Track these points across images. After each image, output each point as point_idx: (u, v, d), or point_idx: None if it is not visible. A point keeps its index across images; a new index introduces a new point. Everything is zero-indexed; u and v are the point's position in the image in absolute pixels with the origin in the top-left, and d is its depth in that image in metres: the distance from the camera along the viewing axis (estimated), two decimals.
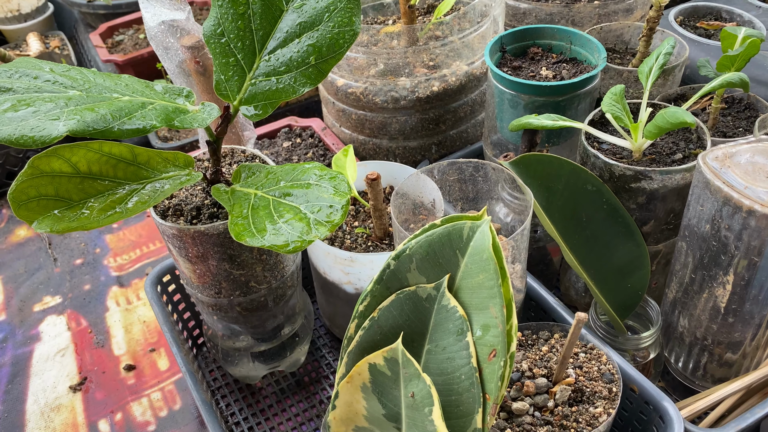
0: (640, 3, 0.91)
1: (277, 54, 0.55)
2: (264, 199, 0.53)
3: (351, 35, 0.54)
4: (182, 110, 0.53)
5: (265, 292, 0.65)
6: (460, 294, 0.49)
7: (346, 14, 0.54)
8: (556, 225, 0.64)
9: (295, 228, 0.49)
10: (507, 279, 0.47)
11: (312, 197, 0.52)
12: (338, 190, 0.52)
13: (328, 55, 0.54)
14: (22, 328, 0.87)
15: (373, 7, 0.98)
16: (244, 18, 0.55)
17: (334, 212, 0.50)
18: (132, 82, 0.55)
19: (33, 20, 1.45)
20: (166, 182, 0.57)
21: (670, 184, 0.61)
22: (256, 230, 0.50)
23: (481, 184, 0.65)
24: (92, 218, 0.53)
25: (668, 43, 0.65)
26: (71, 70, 0.54)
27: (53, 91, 0.50)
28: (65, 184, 0.54)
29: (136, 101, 0.52)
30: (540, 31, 0.78)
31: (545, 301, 0.66)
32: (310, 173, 0.54)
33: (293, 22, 0.54)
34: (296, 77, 0.55)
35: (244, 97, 0.55)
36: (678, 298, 0.65)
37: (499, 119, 0.76)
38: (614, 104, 0.63)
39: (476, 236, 0.48)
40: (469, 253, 0.48)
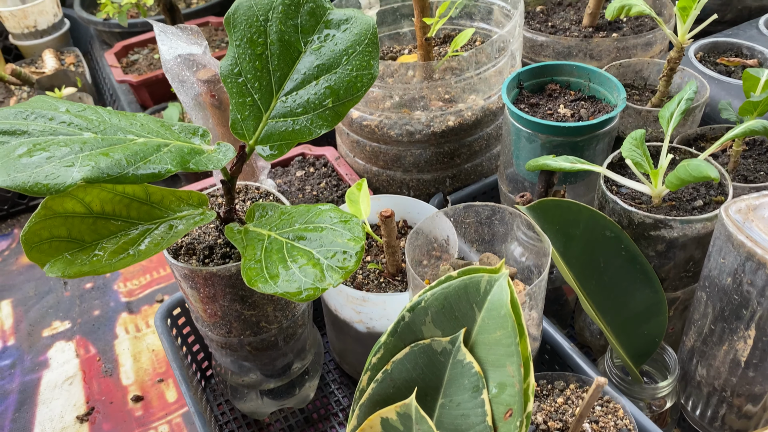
0: (659, 37, 0.90)
1: (294, 95, 0.54)
2: (277, 242, 0.53)
3: (369, 79, 0.54)
4: (198, 151, 0.53)
5: (276, 331, 0.64)
6: (477, 349, 0.48)
7: (365, 58, 0.53)
8: (573, 271, 0.63)
9: (309, 274, 0.48)
10: (525, 337, 0.46)
11: (326, 241, 0.51)
12: (353, 235, 0.51)
13: (346, 98, 0.53)
14: (31, 353, 0.86)
15: (389, 36, 0.98)
16: (262, 59, 0.54)
17: (348, 258, 0.49)
18: (147, 122, 0.55)
19: (49, 36, 1.46)
20: (180, 222, 0.57)
21: (690, 233, 0.60)
22: (269, 275, 0.49)
23: (497, 226, 0.64)
24: (104, 261, 0.52)
25: (690, 88, 0.64)
26: (87, 110, 0.53)
27: (68, 133, 0.50)
28: (78, 225, 0.53)
29: (152, 143, 0.51)
30: (558, 68, 0.77)
31: (561, 347, 0.64)
32: (325, 216, 0.54)
33: (311, 64, 0.54)
34: (313, 119, 0.54)
35: (260, 137, 0.55)
36: (696, 347, 0.63)
37: (515, 156, 0.75)
38: (634, 149, 0.62)
39: (494, 290, 0.47)
40: (487, 308, 0.47)
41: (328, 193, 0.87)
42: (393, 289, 0.71)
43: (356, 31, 0.54)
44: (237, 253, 0.59)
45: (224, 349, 0.65)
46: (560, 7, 1.05)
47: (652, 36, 0.89)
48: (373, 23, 0.54)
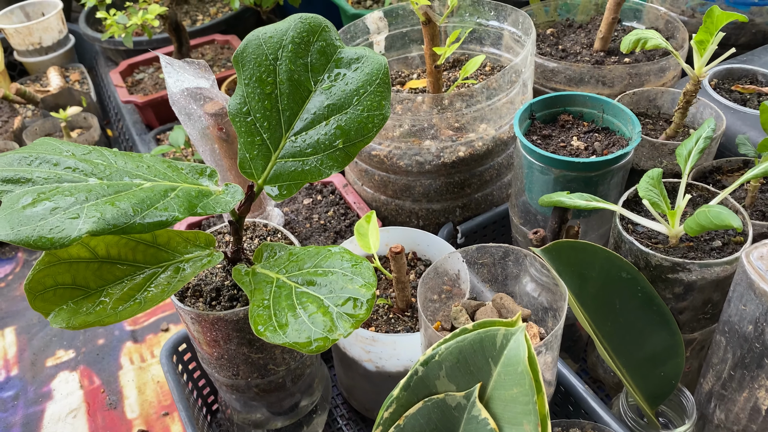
0: (672, 63, 0.88)
1: (303, 135, 0.53)
2: (286, 287, 0.51)
3: (380, 119, 0.52)
4: (206, 193, 0.51)
5: (284, 373, 0.63)
6: (492, 405, 0.47)
7: (376, 98, 0.52)
8: (588, 312, 0.61)
9: (318, 324, 0.47)
10: (543, 394, 0.44)
11: (336, 287, 0.50)
12: (364, 281, 0.50)
13: (357, 139, 0.52)
14: (34, 384, 0.85)
15: (397, 61, 0.97)
16: (271, 98, 0.53)
17: (359, 306, 0.48)
18: (154, 163, 0.53)
19: (54, 53, 1.45)
20: (187, 264, 0.55)
21: (709, 276, 0.59)
22: (277, 324, 0.48)
23: (511, 267, 0.63)
24: (109, 310, 0.51)
25: (708, 126, 0.63)
26: (92, 152, 0.52)
27: (73, 180, 0.48)
28: (83, 271, 0.52)
29: (159, 187, 0.50)
30: (571, 98, 0.76)
31: (575, 389, 0.63)
32: (335, 259, 0.52)
33: (321, 104, 0.52)
34: (323, 160, 0.53)
35: (268, 176, 0.54)
36: (715, 390, 0.62)
37: (527, 189, 0.74)
38: (651, 189, 0.61)
39: (510, 345, 0.46)
40: (503, 363, 0.46)
41: (335, 222, 0.85)
42: (403, 325, 0.70)
43: (368, 70, 0.52)
44: (245, 294, 0.58)
45: (231, 390, 0.64)
46: (570, 29, 1.03)
47: (666, 63, 0.87)
48: (385, 63, 0.52)
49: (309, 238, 0.83)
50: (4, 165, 0.49)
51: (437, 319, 0.64)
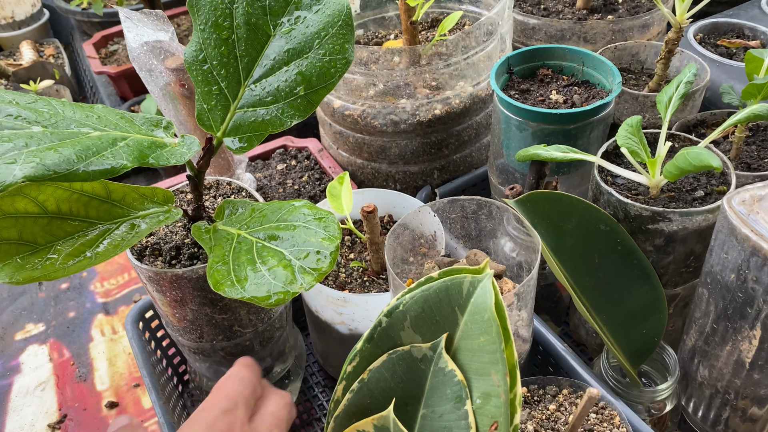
0: (656, 18, 0.85)
1: (263, 83, 0.50)
2: (247, 242, 0.49)
3: (343, 64, 0.49)
4: (159, 144, 0.49)
5: (251, 335, 0.60)
6: (459, 356, 0.44)
7: (338, 41, 0.49)
8: (565, 267, 0.59)
9: (279, 277, 0.45)
10: (511, 342, 0.42)
11: (299, 241, 0.47)
12: (328, 234, 0.47)
13: (318, 85, 0.49)
14: (2, 358, 0.83)
15: (374, 21, 0.93)
16: (228, 43, 0.50)
17: (322, 259, 0.46)
18: (106, 113, 0.50)
19: (28, 27, 1.41)
20: (143, 221, 0.53)
21: (691, 226, 0.56)
22: (236, 279, 0.46)
23: (485, 221, 0.60)
24: (58, 265, 0.48)
25: (689, 71, 0.60)
26: (38, 101, 0.49)
27: (14, 127, 0.45)
28: (30, 227, 0.49)
29: (108, 137, 0.47)
30: (550, 51, 0.73)
31: (553, 348, 0.61)
32: (298, 213, 0.50)
33: (281, 49, 0.49)
34: (284, 108, 0.50)
35: (228, 128, 0.51)
36: (698, 346, 0.60)
37: (505, 146, 0.71)
38: (630, 137, 0.58)
39: (477, 292, 0.44)
40: (470, 311, 0.44)
41: (310, 187, 0.83)
42: (377, 288, 0.68)
43: (329, 12, 0.49)
44: (205, 253, 0.55)
45: (197, 354, 0.62)
46: None
47: (649, 17, 0.84)
48: (347, 4, 0.49)
49: None
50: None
51: (410, 278, 0.62)
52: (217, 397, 0.48)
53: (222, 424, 0.45)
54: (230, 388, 0.48)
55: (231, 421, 0.45)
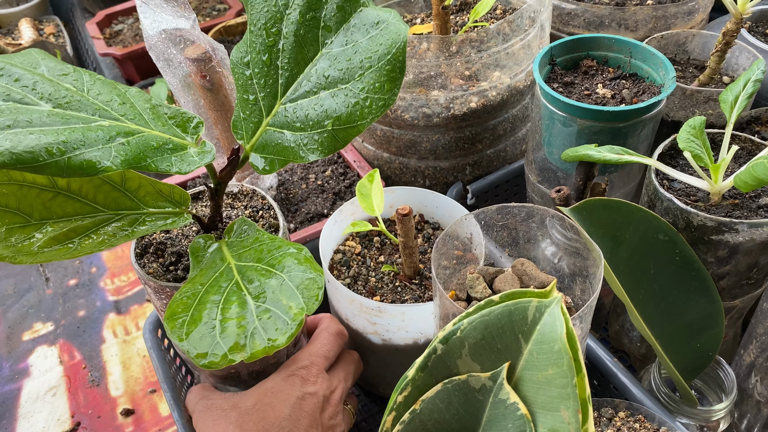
0: (702, 5, 0.80)
1: (296, 105, 0.44)
2: (229, 275, 0.43)
3: (380, 106, 0.42)
4: (173, 147, 0.43)
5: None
6: (522, 387, 0.40)
7: (381, 77, 0.42)
8: (620, 278, 0.55)
9: (227, 336, 0.39)
10: (583, 374, 0.38)
11: (271, 294, 0.41)
12: (297, 305, 0.40)
13: (347, 124, 0.42)
14: (10, 360, 0.79)
15: (398, 4, 0.88)
16: (272, 52, 0.44)
17: (281, 329, 0.39)
18: (136, 100, 0.44)
19: (26, 4, 1.35)
20: (147, 219, 0.48)
21: (758, 237, 0.52)
22: (190, 319, 0.40)
23: (535, 230, 0.56)
24: (35, 248, 0.44)
25: (758, 68, 0.56)
26: (69, 74, 0.43)
27: (21, 101, 0.40)
28: (31, 198, 0.45)
29: (113, 128, 0.42)
30: (595, 41, 0.68)
31: (603, 364, 0.57)
32: (288, 261, 0.43)
33: (323, 71, 0.43)
34: (308, 139, 0.44)
35: (256, 144, 0.45)
36: (758, 363, 0.56)
37: (546, 142, 0.67)
38: (693, 140, 0.54)
39: (544, 319, 0.39)
40: (535, 340, 0.40)
41: (334, 182, 0.78)
42: (410, 293, 0.64)
43: (382, 41, 0.42)
44: None
45: (207, 373, 0.57)
46: None
47: (694, 3, 0.79)
48: (404, 36, 0.42)
49: (305, 201, 0.76)
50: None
51: (450, 288, 0.58)
52: (302, 354, 0.54)
53: (300, 374, 0.52)
54: (316, 345, 0.56)
55: (306, 374, 0.52)
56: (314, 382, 0.52)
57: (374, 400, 0.72)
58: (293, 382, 0.51)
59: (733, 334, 0.65)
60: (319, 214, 0.75)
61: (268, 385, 0.51)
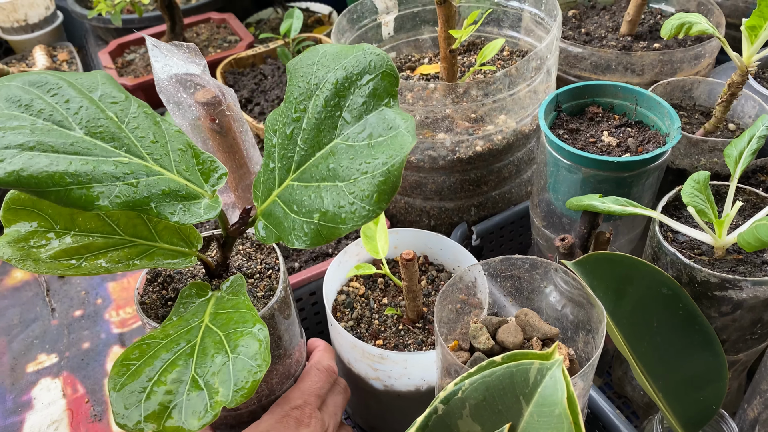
0: (708, 50, 0.81)
1: (299, 186, 0.43)
2: (191, 336, 0.43)
3: (359, 217, 0.39)
4: (184, 195, 0.43)
5: (255, 405, 0.55)
6: None
7: (370, 189, 0.39)
8: (622, 331, 0.55)
9: (151, 403, 0.39)
10: None
11: (209, 373, 0.40)
12: (231, 389, 0.39)
13: (330, 223, 0.40)
14: (14, 392, 0.79)
15: (407, 44, 0.89)
16: (295, 127, 0.43)
17: (196, 417, 0.38)
18: (173, 140, 0.45)
19: (41, 30, 1.37)
20: (155, 254, 0.48)
21: (762, 295, 0.52)
22: (134, 370, 0.40)
23: (538, 280, 0.56)
24: (41, 256, 0.44)
25: (763, 124, 0.56)
26: (117, 103, 0.44)
27: (59, 123, 0.41)
28: (91, 247, 0.46)
29: (134, 167, 0.42)
30: (600, 88, 0.69)
31: (605, 415, 0.57)
32: (243, 340, 0.41)
33: (330, 161, 0.42)
34: (297, 224, 0.42)
35: (264, 210, 0.45)
36: (762, 419, 0.56)
37: (551, 188, 0.67)
38: (696, 195, 0.54)
39: (545, 382, 0.39)
40: (536, 403, 0.40)
41: None
42: (413, 338, 0.64)
43: (385, 149, 0.40)
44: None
45: None
46: (594, 11, 0.96)
47: (701, 49, 0.80)
48: (407, 149, 0.39)
49: None
50: (24, 84, 0.41)
51: (453, 336, 0.58)
52: (294, 392, 0.54)
53: (294, 415, 0.52)
54: (307, 382, 0.55)
55: (300, 414, 0.52)
56: (308, 424, 0.52)
57: None
58: (288, 424, 0.51)
59: (737, 385, 0.65)
60: (324, 253, 0.75)
61: (262, 427, 0.51)
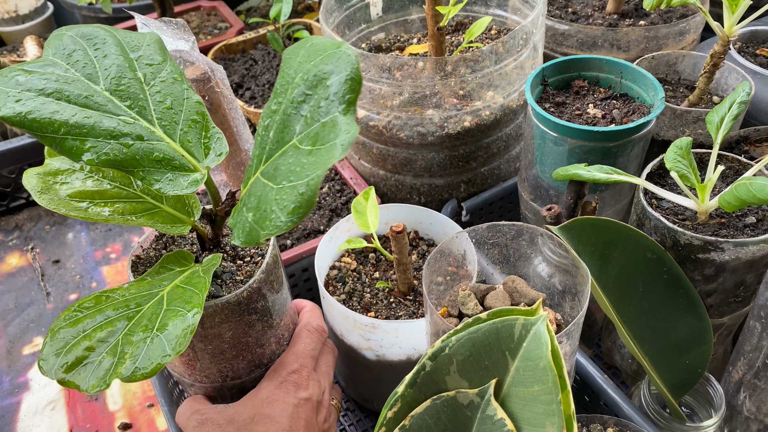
0: (693, 26, 0.82)
1: (260, 181, 0.41)
2: (143, 301, 0.42)
3: (274, 227, 0.37)
4: (177, 166, 0.43)
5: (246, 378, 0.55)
6: (509, 403, 0.41)
7: (286, 199, 0.36)
8: (609, 296, 0.56)
9: (70, 354, 0.38)
10: (567, 391, 0.39)
11: (122, 341, 0.39)
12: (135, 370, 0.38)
13: (256, 225, 0.39)
14: (10, 374, 0.80)
15: (395, 24, 0.90)
16: (271, 120, 0.42)
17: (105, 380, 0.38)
18: (188, 110, 0.45)
19: (31, 21, 1.37)
20: (156, 215, 0.48)
21: (744, 256, 0.53)
22: (81, 317, 0.40)
23: (525, 247, 0.57)
24: (60, 193, 0.46)
25: (743, 90, 0.57)
26: (153, 65, 0.44)
27: (88, 76, 0.42)
28: (105, 194, 0.47)
29: (134, 128, 0.42)
30: (586, 62, 0.70)
31: (594, 380, 0.58)
32: (172, 322, 0.40)
33: (279, 159, 0.39)
34: (240, 221, 0.40)
35: (243, 195, 0.43)
36: (746, 380, 0.57)
37: (539, 161, 0.68)
38: (679, 160, 0.55)
39: (530, 337, 0.40)
40: (522, 357, 0.41)
41: (330, 199, 0.79)
42: (404, 310, 0.65)
43: (318, 159, 0.36)
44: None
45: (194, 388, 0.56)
46: None
47: (686, 25, 0.81)
48: (326, 168, 0.35)
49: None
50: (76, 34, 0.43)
51: (443, 304, 0.59)
52: (288, 356, 0.53)
53: (293, 379, 0.51)
54: (300, 345, 0.54)
55: (297, 378, 0.51)
56: (306, 387, 0.51)
57: (368, 415, 0.73)
58: (287, 389, 0.50)
59: (723, 351, 0.66)
60: (316, 230, 0.76)
61: (263, 394, 0.50)
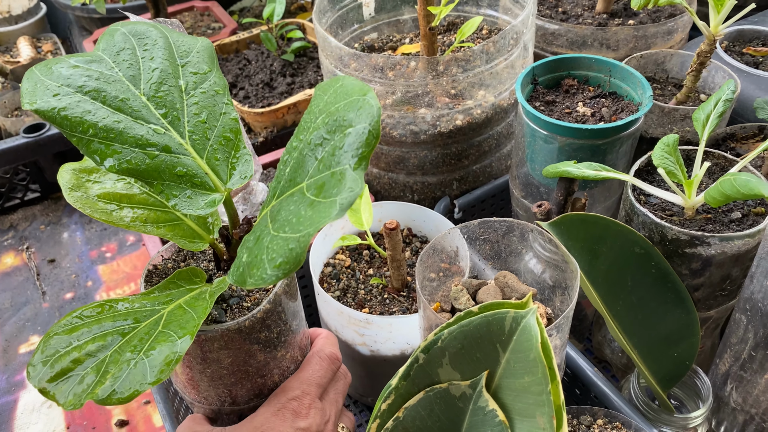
0: (680, 25, 0.83)
1: (266, 218, 0.39)
2: (141, 318, 0.41)
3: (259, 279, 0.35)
4: (200, 184, 0.42)
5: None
6: (501, 395, 0.42)
7: (281, 251, 0.34)
8: (598, 291, 0.57)
9: (60, 363, 0.37)
10: (557, 382, 0.40)
11: (110, 361, 0.38)
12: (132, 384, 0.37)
13: (248, 269, 0.37)
14: (7, 373, 0.80)
15: (388, 24, 0.91)
16: (290, 156, 0.40)
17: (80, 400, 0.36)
18: (222, 126, 0.43)
19: (24, 22, 1.37)
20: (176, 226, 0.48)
21: (729, 250, 0.54)
22: (78, 325, 0.40)
23: (516, 243, 0.58)
24: (89, 192, 0.46)
25: (728, 87, 0.58)
26: (198, 74, 0.43)
27: (131, 79, 0.42)
28: (133, 199, 0.47)
29: (160, 139, 0.41)
30: (576, 61, 0.71)
31: (584, 373, 0.59)
32: (162, 346, 0.38)
33: (286, 200, 0.38)
34: (249, 259, 0.38)
35: (255, 225, 0.42)
36: (733, 372, 0.58)
37: (529, 159, 0.69)
38: (667, 157, 0.56)
39: (521, 329, 0.41)
40: (512, 349, 0.42)
41: None
42: (398, 306, 0.66)
43: (316, 213, 0.34)
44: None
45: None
46: None
47: (674, 24, 0.82)
48: (319, 227, 0.33)
49: None
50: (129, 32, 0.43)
51: (436, 300, 0.60)
52: (292, 382, 0.49)
53: (292, 406, 0.48)
54: (308, 371, 0.50)
55: (297, 406, 0.48)
56: (306, 416, 0.47)
57: (362, 410, 0.74)
58: (284, 417, 0.47)
59: (710, 344, 0.67)
60: None
61: (258, 421, 0.47)
